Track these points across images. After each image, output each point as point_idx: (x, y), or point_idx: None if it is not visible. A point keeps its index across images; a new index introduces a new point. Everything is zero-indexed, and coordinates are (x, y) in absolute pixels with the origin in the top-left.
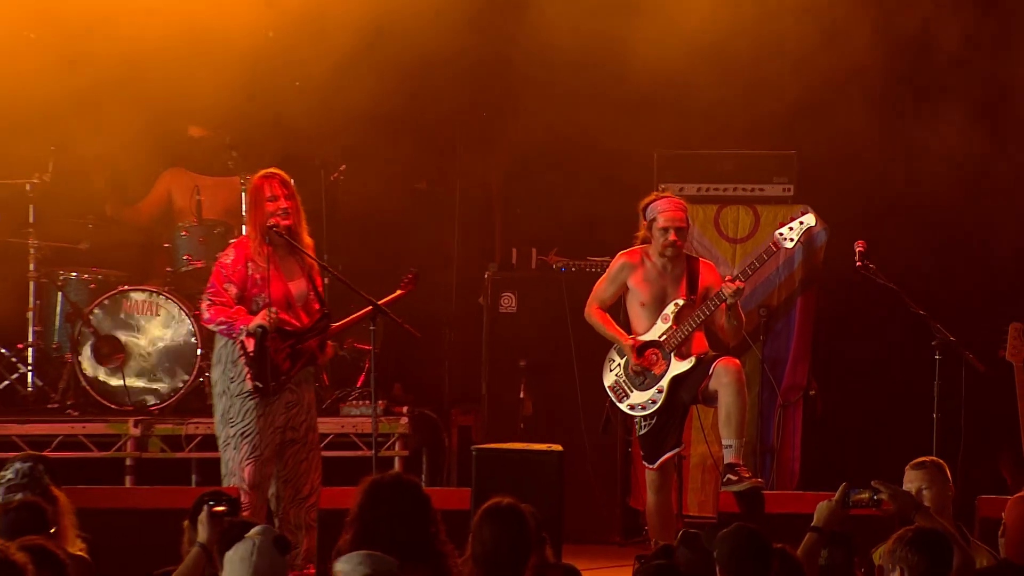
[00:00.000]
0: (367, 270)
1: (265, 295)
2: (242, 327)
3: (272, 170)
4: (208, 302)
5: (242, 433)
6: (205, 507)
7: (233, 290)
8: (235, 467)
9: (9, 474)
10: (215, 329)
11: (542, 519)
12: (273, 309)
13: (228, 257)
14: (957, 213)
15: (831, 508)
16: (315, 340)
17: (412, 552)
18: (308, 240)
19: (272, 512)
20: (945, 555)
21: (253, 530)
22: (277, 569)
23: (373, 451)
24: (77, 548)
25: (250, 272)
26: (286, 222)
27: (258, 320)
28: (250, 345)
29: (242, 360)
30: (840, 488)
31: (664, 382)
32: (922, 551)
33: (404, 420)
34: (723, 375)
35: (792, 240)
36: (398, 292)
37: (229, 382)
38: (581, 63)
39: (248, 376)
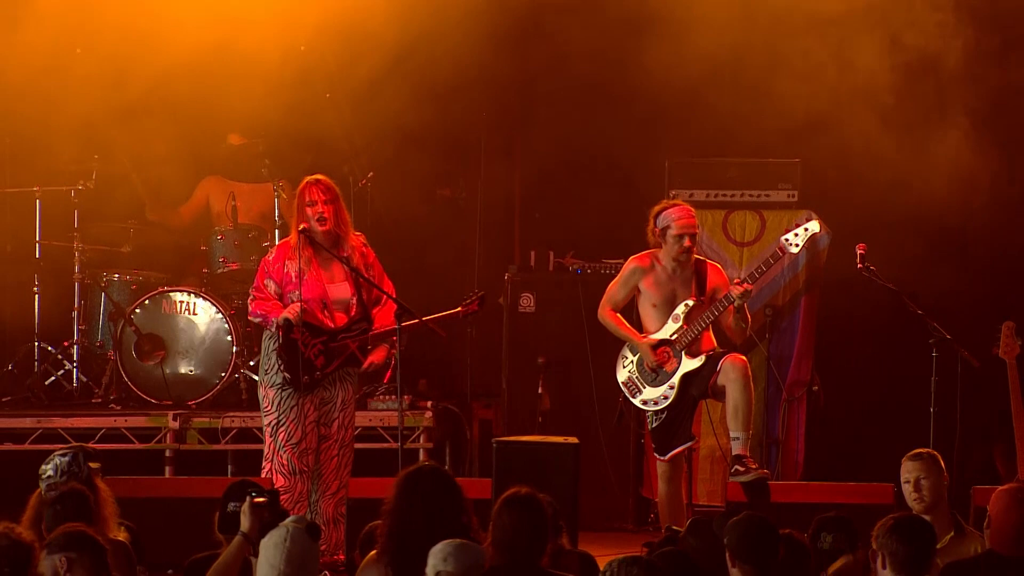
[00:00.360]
0: (393, 273)
1: (298, 293)
2: (274, 319)
3: (316, 176)
4: (251, 297)
5: (277, 422)
6: (248, 497)
7: (272, 286)
8: (270, 453)
9: (49, 470)
10: (256, 320)
11: (558, 508)
12: (298, 304)
13: (271, 255)
14: (951, 217)
15: None
16: (353, 342)
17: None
18: (354, 242)
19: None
20: (926, 542)
21: (288, 519)
22: (309, 555)
23: (399, 443)
24: (119, 535)
25: (287, 270)
26: (322, 227)
27: (284, 313)
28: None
29: (276, 353)
30: None
31: (675, 379)
32: (903, 538)
33: (428, 414)
34: (730, 371)
35: (797, 245)
36: (458, 310)
37: (264, 373)
38: (597, 77)
39: (280, 367)
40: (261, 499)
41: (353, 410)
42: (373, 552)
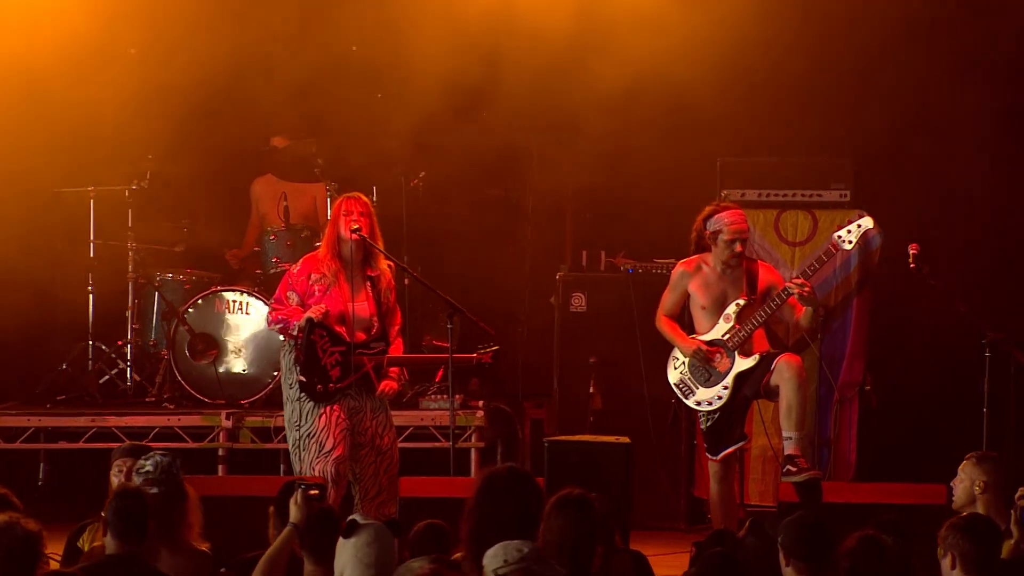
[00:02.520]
0: (444, 273)
1: (325, 305)
2: (296, 322)
3: (357, 193)
4: (272, 308)
5: (308, 434)
6: (299, 490)
7: (295, 298)
8: (306, 468)
9: (148, 466)
10: (275, 330)
11: (610, 507)
12: (323, 305)
13: (295, 268)
14: (1007, 216)
15: None
16: (369, 361)
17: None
18: (383, 264)
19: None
20: (993, 542)
21: (359, 517)
22: (392, 553)
23: (451, 443)
24: (203, 544)
25: (311, 283)
26: (355, 237)
27: (308, 313)
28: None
29: (295, 361)
30: None
31: (729, 379)
32: (974, 538)
33: (480, 413)
34: (785, 371)
35: (850, 242)
36: (473, 356)
37: (289, 388)
38: (651, 74)
39: (297, 373)
40: (313, 491)
41: (387, 416)
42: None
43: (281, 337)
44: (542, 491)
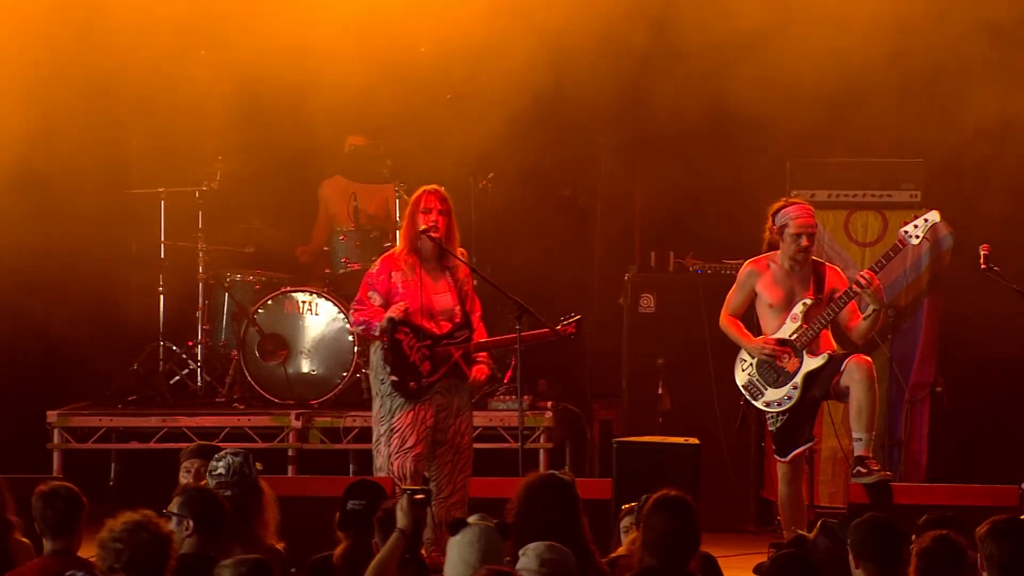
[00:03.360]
0: (513, 273)
1: (405, 302)
2: (377, 323)
3: (435, 186)
4: (354, 310)
5: (391, 429)
6: (405, 495)
7: (377, 299)
8: (385, 462)
9: (220, 468)
10: (358, 332)
11: None
12: (402, 304)
13: (374, 267)
14: None
15: None
16: (457, 351)
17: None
18: (459, 253)
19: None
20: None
21: (474, 517)
22: (499, 552)
23: (519, 444)
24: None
25: (393, 280)
26: (435, 235)
27: (388, 313)
28: (384, 339)
29: (383, 356)
30: None
31: (798, 379)
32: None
33: (549, 414)
34: (855, 371)
35: (917, 237)
36: (546, 330)
37: (380, 383)
38: (718, 72)
39: (388, 372)
40: (419, 495)
41: (469, 416)
42: None
43: (350, 337)
44: (579, 498)
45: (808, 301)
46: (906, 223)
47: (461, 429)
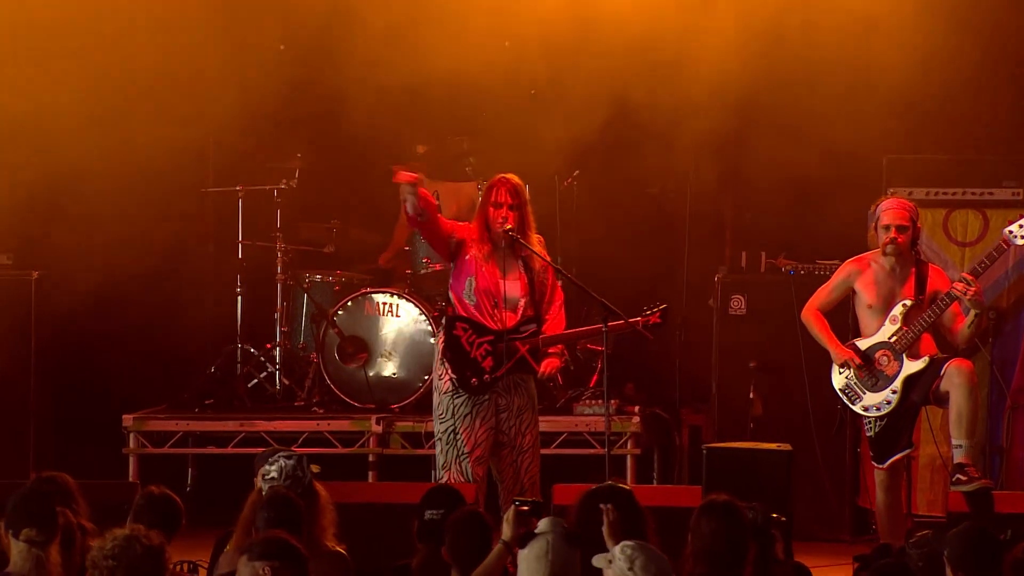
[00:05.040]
0: (599, 273)
1: (474, 277)
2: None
3: (507, 176)
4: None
5: (452, 429)
6: (512, 506)
7: (450, 227)
8: (449, 461)
9: (273, 472)
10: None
11: (772, 516)
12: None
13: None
14: None
15: None
16: (523, 345)
17: None
18: (536, 246)
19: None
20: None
21: (543, 525)
22: (570, 564)
23: (606, 449)
24: (337, 544)
25: (469, 250)
26: (510, 229)
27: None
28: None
29: (443, 357)
30: None
31: (898, 383)
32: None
33: (636, 419)
34: (955, 376)
35: (1022, 237)
36: (636, 319)
37: (438, 379)
38: (814, 70)
39: (447, 369)
40: (525, 507)
41: (532, 416)
42: None
43: (432, 340)
44: (640, 507)
45: (909, 302)
46: (1010, 222)
47: (522, 429)
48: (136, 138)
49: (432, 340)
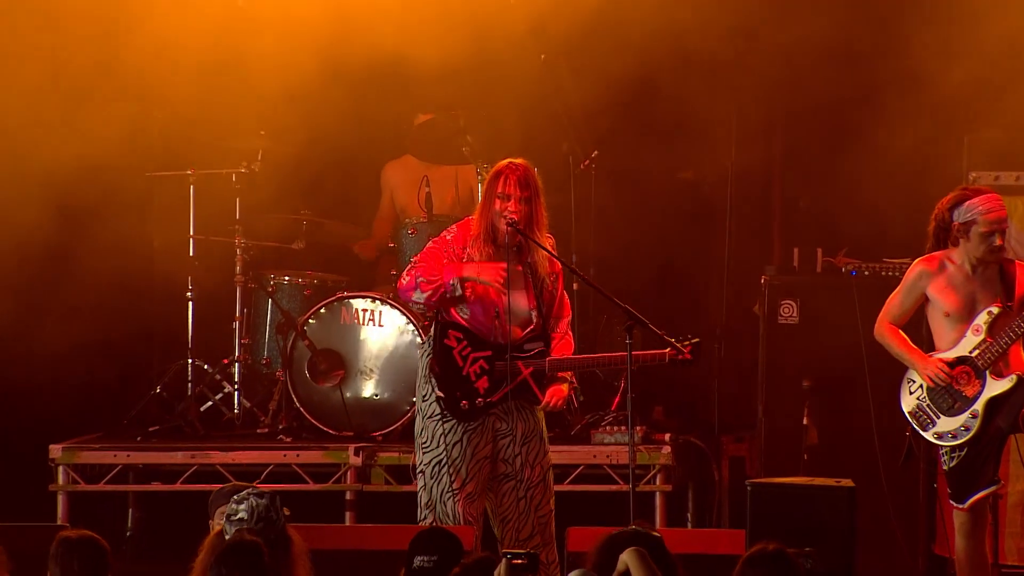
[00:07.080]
0: (624, 275)
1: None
2: (452, 278)
3: (517, 162)
4: (411, 265)
5: (438, 461)
6: (504, 560)
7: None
8: (434, 499)
9: (242, 511)
10: (413, 300)
11: (831, 566)
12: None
13: (450, 234)
14: None
15: None
16: (527, 367)
17: None
18: (546, 245)
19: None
20: None
21: (574, 573)
22: None
23: (631, 485)
24: None
25: (466, 258)
26: (510, 230)
27: (465, 271)
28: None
29: (430, 373)
30: None
31: (978, 406)
32: None
33: (666, 449)
34: None
35: None
36: (664, 351)
37: (422, 400)
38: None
39: (434, 387)
40: (518, 561)
41: (541, 444)
42: None
43: (419, 340)
44: (674, 558)
45: (995, 310)
46: None
47: (529, 459)
48: (68, 116)
49: (419, 342)
